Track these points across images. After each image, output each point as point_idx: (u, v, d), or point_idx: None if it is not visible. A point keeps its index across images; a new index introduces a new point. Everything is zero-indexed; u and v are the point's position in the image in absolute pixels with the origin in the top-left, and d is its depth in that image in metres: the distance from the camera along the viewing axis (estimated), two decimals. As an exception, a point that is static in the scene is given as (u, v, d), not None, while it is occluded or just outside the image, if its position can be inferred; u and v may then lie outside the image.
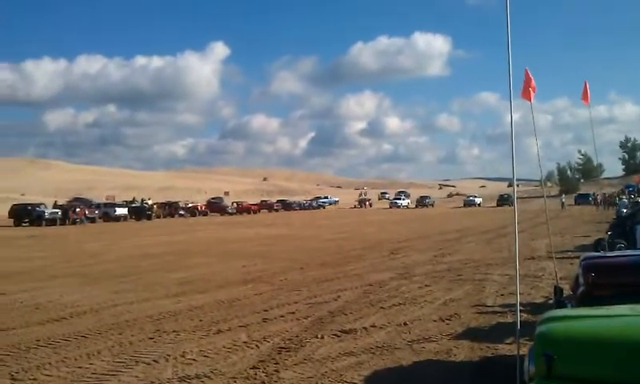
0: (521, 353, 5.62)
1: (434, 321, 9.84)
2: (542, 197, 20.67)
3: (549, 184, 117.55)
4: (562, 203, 71.42)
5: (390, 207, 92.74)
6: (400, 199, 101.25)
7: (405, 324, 9.60)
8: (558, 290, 7.82)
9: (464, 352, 7.93)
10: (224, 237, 34.38)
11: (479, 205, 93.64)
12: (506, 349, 7.89)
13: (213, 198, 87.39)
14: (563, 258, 17.32)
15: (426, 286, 13.66)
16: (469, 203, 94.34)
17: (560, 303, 7.19)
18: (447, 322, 9.75)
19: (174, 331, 9.49)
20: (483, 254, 20.41)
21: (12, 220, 52.30)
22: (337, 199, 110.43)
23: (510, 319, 9.39)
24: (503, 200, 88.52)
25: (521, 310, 7.22)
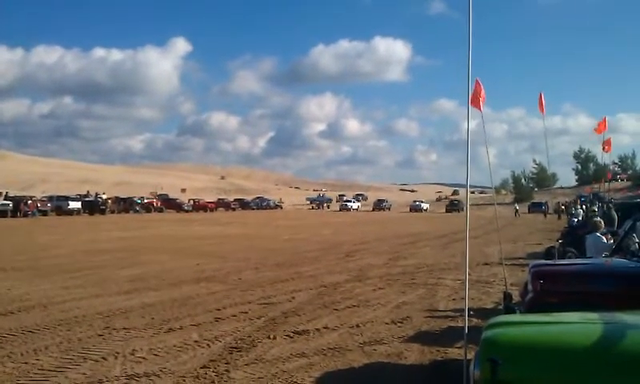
0: (469, 357, 5.70)
1: (387, 323, 9.91)
2: (497, 204, 20.98)
3: (503, 192, 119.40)
4: (516, 211, 72.62)
5: (340, 210, 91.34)
6: (351, 202, 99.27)
7: (357, 326, 9.65)
8: (507, 296, 7.97)
9: (415, 355, 8.00)
10: (179, 234, 34.05)
11: (426, 210, 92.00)
12: (455, 352, 7.99)
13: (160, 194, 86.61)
14: (514, 264, 17.64)
15: (380, 288, 13.75)
16: (415, 208, 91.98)
17: (509, 309, 7.32)
18: (399, 324, 9.83)
19: (124, 328, 9.36)
20: (437, 258, 20.63)
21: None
22: (357, 206, 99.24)
23: (460, 323, 9.49)
24: (453, 206, 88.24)
25: (471, 315, 7.32)
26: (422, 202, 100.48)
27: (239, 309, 11.09)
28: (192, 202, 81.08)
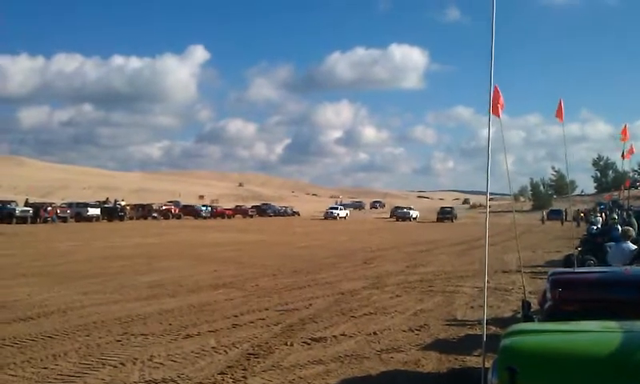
0: (487, 365, 5.67)
1: (404, 331, 9.88)
2: (516, 211, 20.83)
3: (522, 199, 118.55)
4: (543, 218, 72.02)
5: (325, 218, 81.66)
6: (336, 209, 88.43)
7: (374, 333, 9.63)
8: (525, 304, 7.91)
9: (432, 363, 7.97)
10: (197, 241, 34.18)
11: (415, 218, 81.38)
12: (473, 361, 7.95)
13: (169, 201, 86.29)
14: (533, 272, 17.52)
15: (397, 296, 13.71)
16: (401, 216, 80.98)
17: (527, 317, 7.28)
18: (417, 332, 9.80)
19: (143, 334, 9.42)
20: (455, 266, 20.53)
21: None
22: (346, 213, 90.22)
23: (478, 331, 9.45)
24: (444, 214, 78.29)
25: (489, 323, 7.28)
26: (411, 208, 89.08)
27: (256, 315, 11.11)
28: (210, 207, 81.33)
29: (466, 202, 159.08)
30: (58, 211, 56.39)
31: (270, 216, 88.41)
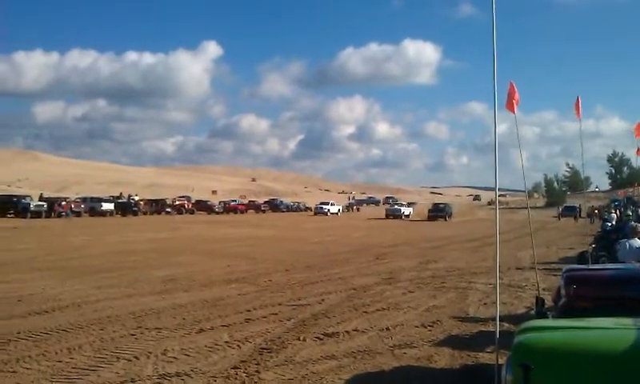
0: (500, 362, 5.66)
1: (417, 327, 9.87)
2: (529, 207, 20.81)
3: (535, 195, 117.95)
4: (559, 214, 71.51)
5: (315, 214, 77.01)
6: (327, 204, 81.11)
7: (387, 329, 9.63)
8: (539, 301, 7.88)
9: (445, 359, 7.96)
10: (210, 236, 34.29)
11: (407, 216, 71.96)
12: (486, 357, 7.93)
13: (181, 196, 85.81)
14: (547, 269, 17.41)
15: (410, 292, 13.70)
16: (393, 213, 71.29)
17: (541, 314, 7.25)
18: (429, 328, 9.79)
19: (156, 328, 9.47)
20: (468, 262, 20.48)
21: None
22: (338, 209, 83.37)
23: (491, 328, 9.42)
24: (437, 212, 67.86)
25: (502, 320, 7.26)
26: (403, 205, 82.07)
27: (269, 310, 11.14)
28: (222, 203, 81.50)
29: (476, 198, 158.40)
30: (72, 206, 56.73)
31: (283, 212, 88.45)
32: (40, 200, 55.54)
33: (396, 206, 78.55)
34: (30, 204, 52.20)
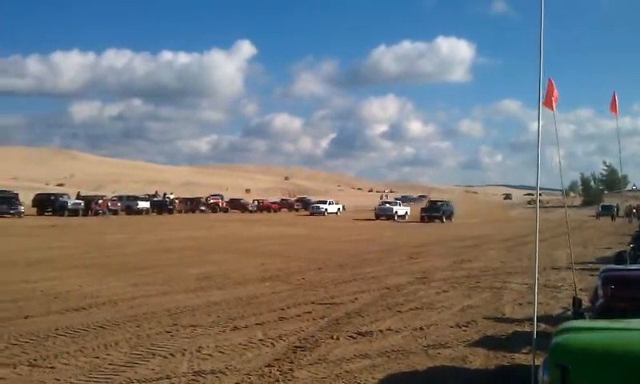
0: (537, 363, 5.59)
1: (451, 327, 9.80)
2: (566, 206, 20.45)
3: (572, 194, 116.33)
4: (598, 213, 70.34)
5: (311, 213, 68.86)
6: (325, 203, 72.97)
7: (421, 329, 9.58)
8: (576, 301, 7.76)
9: (480, 359, 7.89)
10: (244, 234, 34.49)
11: (402, 217, 60.62)
12: (522, 358, 7.84)
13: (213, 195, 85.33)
14: (584, 269, 17.14)
15: (444, 291, 13.61)
16: (384, 213, 60.07)
17: (578, 314, 7.14)
18: (464, 328, 9.71)
19: (191, 326, 9.56)
20: (503, 262, 20.27)
21: (35, 209, 53.01)
22: (337, 208, 75.08)
23: (527, 329, 9.33)
24: (432, 211, 56.63)
25: (538, 321, 7.17)
26: (396, 202, 69.50)
27: (303, 309, 11.17)
28: (256, 202, 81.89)
29: (507, 197, 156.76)
30: (109, 204, 57.56)
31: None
32: (77, 198, 56.47)
33: (387, 205, 65.57)
34: (67, 202, 53.17)
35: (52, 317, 10.16)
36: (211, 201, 75.21)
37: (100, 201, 56.96)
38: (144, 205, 61.40)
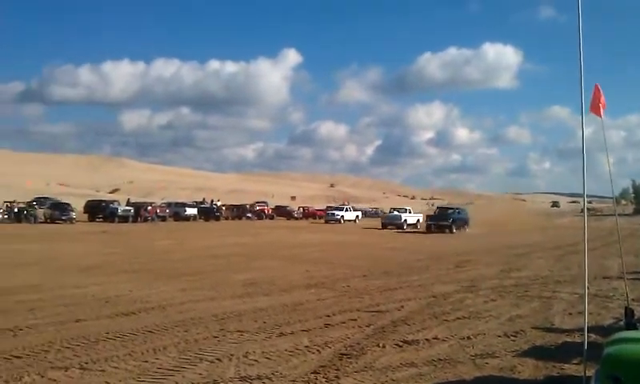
0: (588, 374, 5.48)
1: (499, 336, 9.67)
2: (617, 214, 19.98)
3: (623, 202, 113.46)
4: None
5: (326, 221, 64.08)
6: (341, 210, 67.36)
7: (468, 338, 9.47)
8: (628, 312, 7.58)
9: (528, 370, 7.76)
10: (289, 241, 34.66)
11: (413, 225, 53.98)
12: (572, 369, 7.69)
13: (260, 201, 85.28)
14: (636, 278, 16.70)
15: (492, 300, 13.43)
16: (391, 222, 53.76)
17: (631, 325, 6.97)
18: (512, 338, 9.56)
19: (238, 331, 9.65)
20: (552, 270, 19.88)
21: (87, 215, 54.27)
22: (356, 215, 69.53)
23: (577, 339, 9.15)
24: (439, 220, 48.61)
25: (589, 331, 7.03)
26: (407, 210, 58.58)
27: (348, 316, 11.16)
28: (301, 209, 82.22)
29: (555, 204, 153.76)
30: (158, 211, 58.56)
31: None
32: (127, 205, 57.58)
33: (396, 213, 57.29)
34: (117, 209, 54.26)
35: (102, 321, 10.38)
36: (257, 208, 75.80)
37: (149, 207, 57.98)
38: (192, 211, 62.23)
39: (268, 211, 75.68)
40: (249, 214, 70.82)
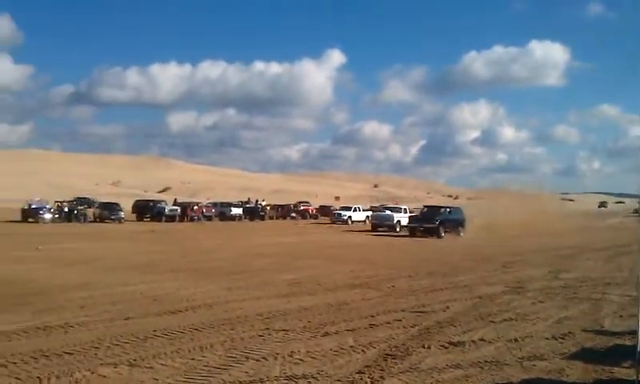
0: None
1: (547, 339, 9.51)
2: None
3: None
4: None
5: (333, 222, 57.87)
6: (349, 210, 60.65)
7: (515, 340, 9.34)
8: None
9: (577, 373, 7.62)
10: (333, 240, 34.70)
11: (410, 228, 41.59)
12: (622, 372, 7.52)
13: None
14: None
15: (540, 302, 13.20)
16: (383, 222, 46.87)
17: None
18: (560, 340, 9.40)
19: (283, 330, 9.71)
20: (601, 272, 19.44)
21: (135, 215, 55.31)
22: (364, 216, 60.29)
23: (628, 342, 8.93)
24: (426, 221, 40.24)
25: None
26: (402, 209, 49.47)
27: (393, 316, 11.11)
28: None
29: (602, 205, 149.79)
30: (204, 210, 59.32)
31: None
32: (174, 205, 58.47)
33: (388, 212, 49.73)
34: (164, 208, 55.17)
35: (150, 319, 10.57)
36: (301, 207, 76.06)
37: (195, 207, 58.74)
38: (237, 211, 62.87)
39: (312, 211, 75.85)
40: (293, 214, 71.15)
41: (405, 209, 50.45)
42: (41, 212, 46.34)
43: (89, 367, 7.44)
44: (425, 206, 49.10)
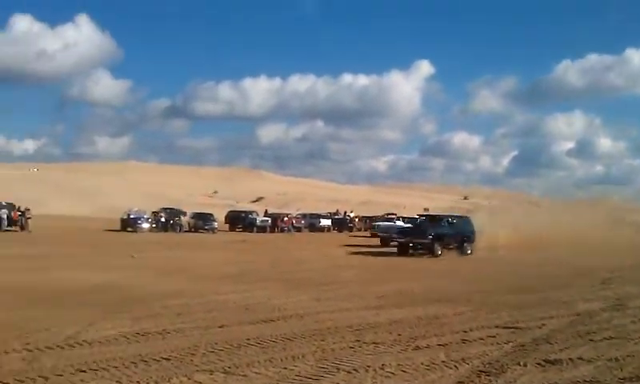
0: None
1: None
2: None
3: None
4: None
5: (372, 235, 46.88)
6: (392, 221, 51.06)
7: (616, 359, 8.94)
8: None
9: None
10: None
11: (398, 245, 31.99)
12: None
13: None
14: None
15: (641, 320, 12.59)
16: (384, 232, 41.21)
17: None
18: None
19: (374, 343, 9.68)
20: None
21: (227, 225, 56.65)
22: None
23: None
24: (417, 235, 31.14)
25: None
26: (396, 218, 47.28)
27: (486, 332, 10.88)
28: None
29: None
30: (294, 221, 59.88)
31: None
32: (265, 216, 59.43)
33: (386, 223, 45.74)
34: (256, 219, 56.14)
35: (243, 327, 10.78)
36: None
37: (285, 218, 59.45)
38: (326, 222, 63.14)
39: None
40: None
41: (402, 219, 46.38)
42: (139, 222, 48.04)
43: (185, 373, 7.66)
44: (419, 216, 40.77)
